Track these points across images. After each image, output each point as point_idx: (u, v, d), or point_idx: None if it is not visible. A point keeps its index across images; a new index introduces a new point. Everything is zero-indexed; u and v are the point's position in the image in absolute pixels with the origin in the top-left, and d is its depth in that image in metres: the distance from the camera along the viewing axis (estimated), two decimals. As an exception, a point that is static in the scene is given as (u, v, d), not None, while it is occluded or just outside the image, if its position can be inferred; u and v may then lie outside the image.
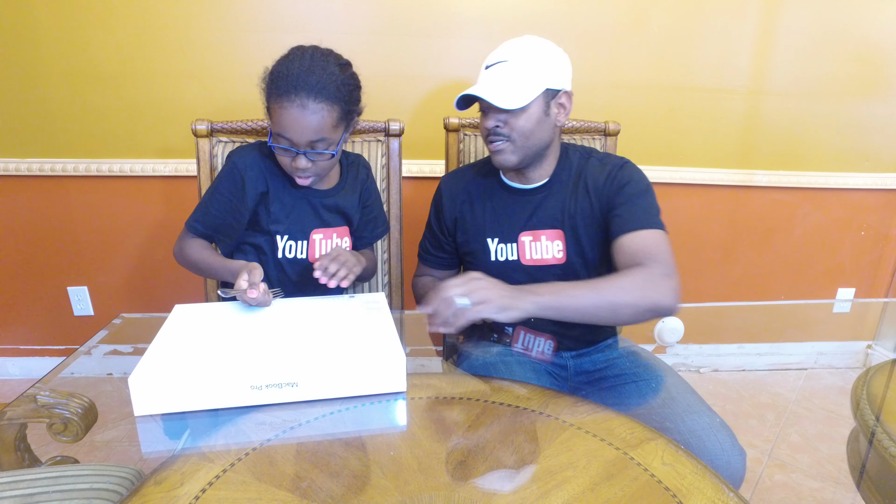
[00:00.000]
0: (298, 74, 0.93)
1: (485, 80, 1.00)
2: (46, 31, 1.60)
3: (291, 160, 0.99)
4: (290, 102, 0.93)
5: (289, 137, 0.95)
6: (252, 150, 1.08)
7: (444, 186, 1.17)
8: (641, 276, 0.89)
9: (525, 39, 1.01)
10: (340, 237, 1.14)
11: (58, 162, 1.73)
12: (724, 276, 2.08)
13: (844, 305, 2.15)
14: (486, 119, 1.02)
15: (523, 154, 1.02)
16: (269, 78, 0.96)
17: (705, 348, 2.09)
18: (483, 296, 0.81)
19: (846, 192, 1.99)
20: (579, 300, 0.86)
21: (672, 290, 0.88)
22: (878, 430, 0.82)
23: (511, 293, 0.83)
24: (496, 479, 0.61)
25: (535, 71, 0.98)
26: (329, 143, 0.99)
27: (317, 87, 0.93)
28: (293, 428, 0.70)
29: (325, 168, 1.03)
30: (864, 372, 0.97)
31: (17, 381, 1.96)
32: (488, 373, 0.97)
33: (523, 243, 1.08)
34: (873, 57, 1.83)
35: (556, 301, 0.85)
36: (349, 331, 0.85)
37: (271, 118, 0.97)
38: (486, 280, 0.84)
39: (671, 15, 1.74)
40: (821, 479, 1.49)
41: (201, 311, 0.91)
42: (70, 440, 0.74)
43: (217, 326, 0.85)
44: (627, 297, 0.87)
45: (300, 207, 1.09)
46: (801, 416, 1.78)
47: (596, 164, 1.07)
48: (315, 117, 0.94)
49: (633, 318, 0.89)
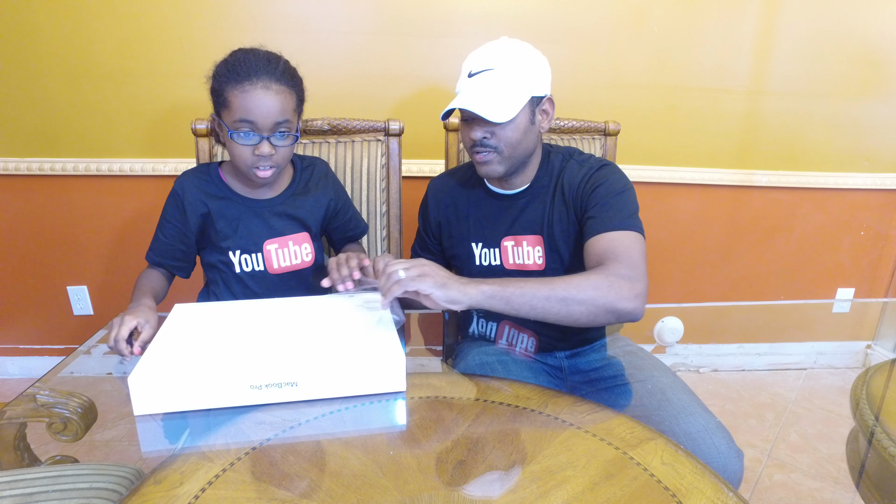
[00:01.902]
0: (257, 60, 0.95)
1: (471, 90, 0.97)
2: (46, 30, 1.60)
3: (254, 149, 0.97)
4: (252, 85, 0.93)
5: (252, 120, 0.94)
6: (191, 173, 1.08)
7: (430, 191, 1.17)
8: (601, 275, 0.86)
9: (508, 45, 0.99)
10: (298, 244, 1.11)
11: (58, 161, 1.72)
12: (724, 275, 2.08)
13: (844, 305, 2.16)
14: (471, 130, 0.99)
15: (510, 164, 1.01)
16: (223, 70, 0.96)
17: (705, 348, 2.09)
18: (422, 270, 0.82)
19: (846, 192, 1.99)
20: (527, 292, 0.83)
21: (632, 293, 0.84)
22: (878, 430, 0.82)
23: (454, 276, 0.84)
24: (495, 478, 0.61)
25: (521, 79, 0.96)
26: (291, 127, 0.99)
27: (277, 71, 0.96)
28: (293, 427, 0.70)
29: (285, 158, 1.02)
30: (864, 372, 0.97)
31: (16, 381, 1.96)
32: (486, 373, 0.97)
33: (506, 248, 1.08)
34: (873, 57, 1.83)
35: (503, 291, 0.83)
36: (349, 330, 0.85)
37: (229, 107, 0.95)
38: (434, 265, 0.85)
39: (671, 15, 1.74)
40: (820, 478, 1.49)
41: (201, 311, 0.91)
42: (70, 439, 0.74)
43: (217, 326, 0.85)
44: (581, 295, 0.83)
45: (247, 220, 1.07)
46: (800, 415, 1.78)
47: (574, 166, 1.05)
48: (279, 97, 0.96)
49: (589, 319, 0.85)
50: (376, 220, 1.32)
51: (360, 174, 1.30)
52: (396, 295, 0.81)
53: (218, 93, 0.97)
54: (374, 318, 0.89)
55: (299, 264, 1.11)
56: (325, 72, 1.67)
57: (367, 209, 1.32)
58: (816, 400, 1.87)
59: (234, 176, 1.08)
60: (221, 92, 0.96)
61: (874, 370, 0.97)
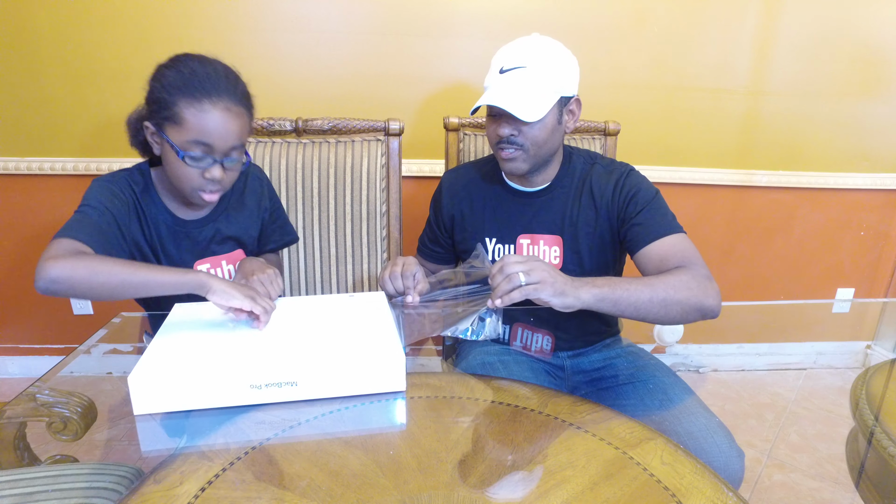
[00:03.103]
0: (217, 77, 0.87)
1: (501, 86, 0.97)
2: (46, 30, 1.60)
3: (203, 171, 0.89)
4: (212, 105, 0.85)
5: (209, 143, 0.87)
6: (124, 179, 0.96)
7: (445, 183, 1.17)
8: (689, 276, 0.89)
9: (540, 42, 0.98)
10: (231, 263, 1.04)
11: (58, 161, 1.72)
12: (724, 275, 2.08)
13: (844, 305, 2.16)
14: (498, 126, 0.99)
15: (534, 162, 1.01)
16: (175, 80, 0.86)
17: (705, 348, 2.09)
18: (541, 276, 0.81)
19: (845, 192, 1.99)
20: (633, 294, 0.85)
21: (716, 293, 0.89)
22: (877, 430, 0.82)
23: (569, 280, 0.84)
24: (495, 478, 0.61)
25: (552, 79, 0.96)
26: (241, 151, 0.93)
27: (237, 91, 0.89)
28: (293, 427, 0.70)
29: (232, 180, 0.95)
30: (864, 372, 0.97)
31: (16, 380, 1.96)
32: (487, 372, 0.97)
33: (521, 245, 1.08)
34: (873, 57, 1.83)
35: (612, 293, 0.85)
36: (349, 330, 0.85)
37: (182, 125, 0.86)
38: (545, 263, 0.85)
39: (671, 15, 1.74)
40: (820, 478, 1.49)
41: (201, 310, 0.90)
42: (69, 439, 0.74)
43: (217, 325, 0.85)
44: (678, 295, 0.86)
45: (177, 241, 0.99)
46: (800, 415, 1.78)
47: (601, 171, 1.06)
48: (239, 121, 0.89)
49: (681, 318, 0.88)
50: (376, 220, 1.33)
51: (360, 174, 1.30)
52: (514, 301, 0.81)
53: (166, 104, 0.86)
54: (375, 318, 0.89)
55: None
56: (325, 72, 1.67)
57: (367, 209, 1.32)
58: (816, 400, 1.87)
59: (168, 191, 0.98)
60: (171, 105, 0.86)
61: (874, 370, 0.97)
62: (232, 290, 0.81)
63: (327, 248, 1.32)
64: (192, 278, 0.80)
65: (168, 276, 0.80)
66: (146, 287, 0.80)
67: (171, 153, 0.88)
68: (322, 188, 1.30)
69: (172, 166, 0.90)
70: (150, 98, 0.89)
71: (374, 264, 1.34)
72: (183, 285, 0.80)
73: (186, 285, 0.80)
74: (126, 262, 0.81)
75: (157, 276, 0.80)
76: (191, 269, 0.81)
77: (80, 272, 0.77)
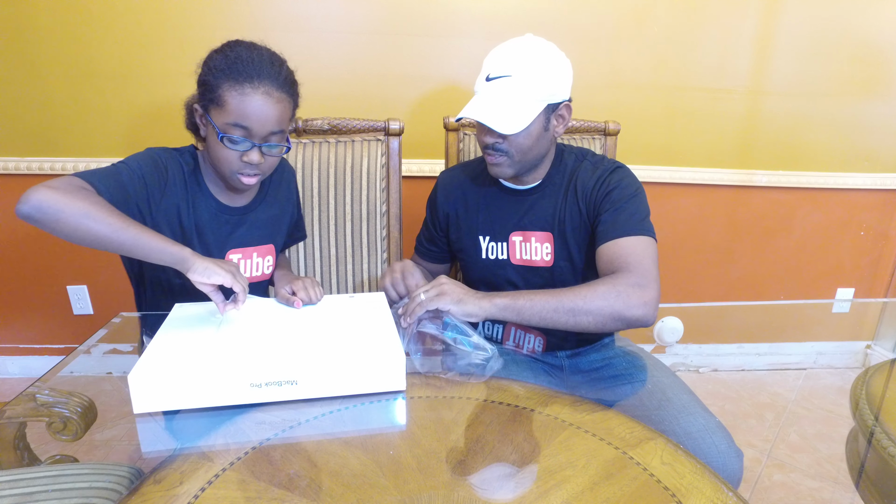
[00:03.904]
0: (261, 62, 0.88)
1: (485, 96, 0.97)
2: (46, 30, 1.60)
3: (242, 154, 0.90)
4: (253, 89, 0.87)
5: (248, 126, 0.88)
6: (174, 157, 0.98)
7: (440, 183, 1.17)
8: (607, 286, 0.89)
9: (529, 48, 0.97)
10: (262, 256, 1.05)
11: (58, 161, 1.72)
12: (724, 275, 2.08)
13: (844, 305, 2.16)
14: (483, 134, 1.00)
15: (520, 167, 1.02)
16: (221, 63, 0.88)
17: (705, 348, 2.09)
18: (442, 289, 0.89)
19: (845, 192, 1.99)
20: (537, 304, 0.89)
21: (640, 301, 0.87)
22: (877, 430, 0.82)
23: (472, 292, 0.90)
24: (495, 478, 0.61)
25: (538, 88, 0.95)
26: (282, 138, 0.94)
27: (280, 77, 0.90)
28: (293, 427, 0.70)
29: (272, 166, 0.96)
30: (864, 372, 0.97)
31: (16, 380, 1.96)
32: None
33: (514, 243, 1.08)
34: (873, 57, 1.83)
35: (514, 303, 0.89)
36: (349, 329, 0.85)
37: (223, 107, 0.88)
38: (452, 282, 0.91)
39: (671, 15, 1.74)
40: (820, 478, 1.49)
41: (201, 310, 0.91)
42: (69, 439, 0.74)
43: (216, 324, 0.85)
44: (588, 305, 0.88)
45: (214, 226, 1.00)
46: (800, 415, 1.78)
47: (588, 167, 1.06)
48: (279, 106, 0.89)
49: (598, 327, 0.89)
50: (376, 219, 1.33)
51: (360, 174, 1.30)
52: (419, 315, 0.87)
53: (211, 87, 0.88)
54: (375, 318, 0.89)
55: (259, 277, 1.06)
56: (325, 72, 1.67)
57: (367, 209, 1.32)
58: (816, 400, 1.87)
59: (212, 176, 1.01)
60: (216, 88, 0.88)
61: (874, 370, 0.97)
62: (213, 265, 0.81)
63: (327, 248, 1.32)
64: (177, 251, 0.79)
65: (156, 241, 0.79)
66: (133, 245, 0.78)
67: (213, 135, 0.90)
68: (322, 188, 1.30)
69: (213, 148, 0.92)
70: (199, 81, 0.92)
71: (375, 264, 1.34)
72: (167, 256, 0.79)
73: (171, 257, 0.79)
74: (122, 216, 0.79)
75: (147, 238, 0.78)
76: (178, 244, 0.80)
77: (71, 207, 0.75)
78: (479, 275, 1.13)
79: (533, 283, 1.09)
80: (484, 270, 1.12)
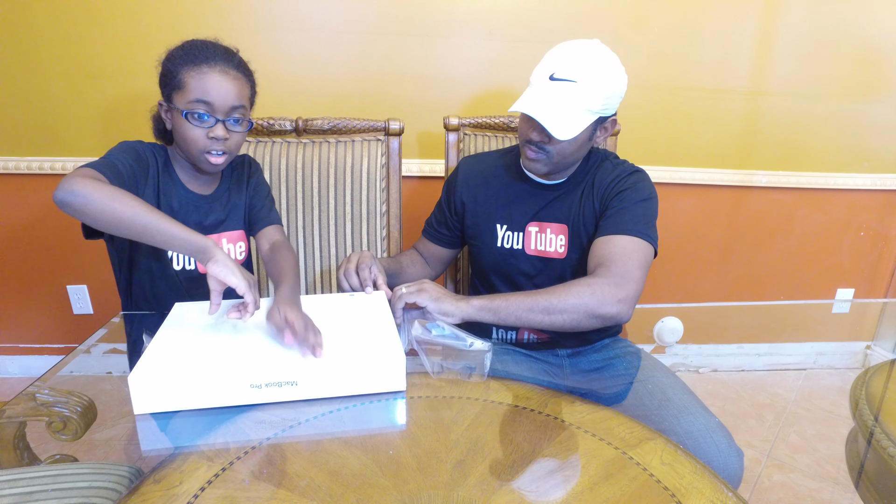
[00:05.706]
0: (215, 48, 0.95)
1: (545, 95, 0.96)
2: (46, 29, 1.60)
3: (208, 131, 0.94)
4: (210, 68, 0.93)
5: (209, 101, 0.93)
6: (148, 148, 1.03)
7: (462, 168, 1.18)
8: (583, 284, 0.91)
9: (598, 58, 0.96)
10: (233, 242, 1.09)
11: (57, 160, 1.72)
12: (724, 276, 2.08)
13: (843, 306, 2.16)
14: (529, 129, 1.00)
15: (556, 168, 1.04)
16: (177, 53, 0.95)
17: (704, 348, 2.09)
18: (423, 287, 0.92)
19: (845, 192, 1.99)
20: (512, 304, 0.91)
21: (615, 298, 0.89)
22: (877, 431, 0.82)
23: (451, 294, 0.93)
24: (495, 478, 0.61)
25: (598, 100, 0.95)
26: (245, 114, 0.98)
27: (234, 60, 0.97)
28: (292, 427, 0.70)
29: (237, 145, 1.00)
30: (863, 372, 0.97)
31: (16, 380, 1.96)
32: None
33: (530, 233, 1.10)
34: (873, 57, 1.83)
35: (490, 303, 0.91)
36: (349, 330, 0.85)
37: (184, 88, 0.93)
38: (434, 283, 0.94)
39: (671, 15, 1.74)
40: (819, 479, 1.49)
41: (201, 310, 0.90)
42: (69, 438, 0.74)
43: (217, 324, 0.85)
44: (562, 304, 0.89)
45: (185, 213, 1.02)
46: (799, 416, 1.78)
47: (608, 167, 1.08)
48: (236, 83, 0.95)
49: (573, 325, 0.91)
50: (376, 219, 1.33)
51: (360, 174, 1.30)
52: (399, 307, 0.92)
53: (171, 75, 0.94)
54: (375, 318, 0.89)
55: None
56: (325, 72, 1.67)
57: (367, 209, 1.32)
58: (816, 400, 1.87)
59: (181, 166, 1.04)
60: (175, 74, 0.94)
61: (874, 371, 0.97)
62: (234, 266, 0.82)
63: (327, 248, 1.32)
64: (200, 240, 0.82)
65: (178, 230, 0.81)
66: (156, 231, 0.81)
67: (179, 118, 0.94)
68: (322, 188, 1.30)
69: (180, 131, 0.96)
70: (160, 77, 0.97)
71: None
72: (189, 244, 0.81)
73: (192, 245, 0.81)
74: (145, 203, 0.83)
75: (169, 225, 0.81)
76: (200, 234, 0.82)
77: (99, 193, 0.80)
78: (492, 263, 1.14)
79: (545, 273, 1.11)
80: (497, 258, 1.13)
